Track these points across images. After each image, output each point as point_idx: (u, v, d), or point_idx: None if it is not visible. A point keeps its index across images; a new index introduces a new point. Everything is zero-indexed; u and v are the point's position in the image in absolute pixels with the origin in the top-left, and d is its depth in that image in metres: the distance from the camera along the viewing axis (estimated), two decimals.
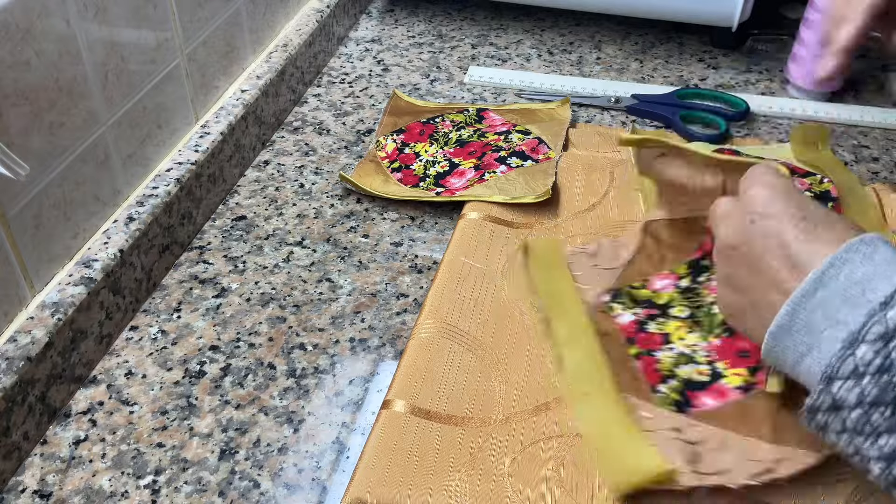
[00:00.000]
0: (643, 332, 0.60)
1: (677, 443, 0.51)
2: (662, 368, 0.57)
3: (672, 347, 0.58)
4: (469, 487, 0.50)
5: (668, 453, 0.50)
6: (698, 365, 0.57)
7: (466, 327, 0.60)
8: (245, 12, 0.82)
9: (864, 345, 0.39)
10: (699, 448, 0.51)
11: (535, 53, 1.00)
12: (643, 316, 0.61)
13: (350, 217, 0.74)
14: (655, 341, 0.59)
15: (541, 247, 0.67)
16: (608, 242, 0.67)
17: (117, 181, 0.65)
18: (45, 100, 0.55)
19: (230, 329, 0.63)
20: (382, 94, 0.92)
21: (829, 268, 0.42)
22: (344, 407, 0.57)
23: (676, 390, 0.55)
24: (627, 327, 0.60)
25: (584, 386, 0.55)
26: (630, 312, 0.61)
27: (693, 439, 0.51)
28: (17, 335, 0.53)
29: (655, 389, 0.55)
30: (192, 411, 0.57)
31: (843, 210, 0.70)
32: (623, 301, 0.62)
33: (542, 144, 0.79)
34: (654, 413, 0.53)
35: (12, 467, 0.52)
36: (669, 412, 0.54)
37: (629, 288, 0.63)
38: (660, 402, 0.54)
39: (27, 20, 0.53)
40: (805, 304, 0.42)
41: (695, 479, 0.49)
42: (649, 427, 0.52)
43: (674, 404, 0.54)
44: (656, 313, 0.61)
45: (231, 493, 0.51)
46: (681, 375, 0.56)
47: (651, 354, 0.58)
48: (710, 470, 0.49)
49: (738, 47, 1.02)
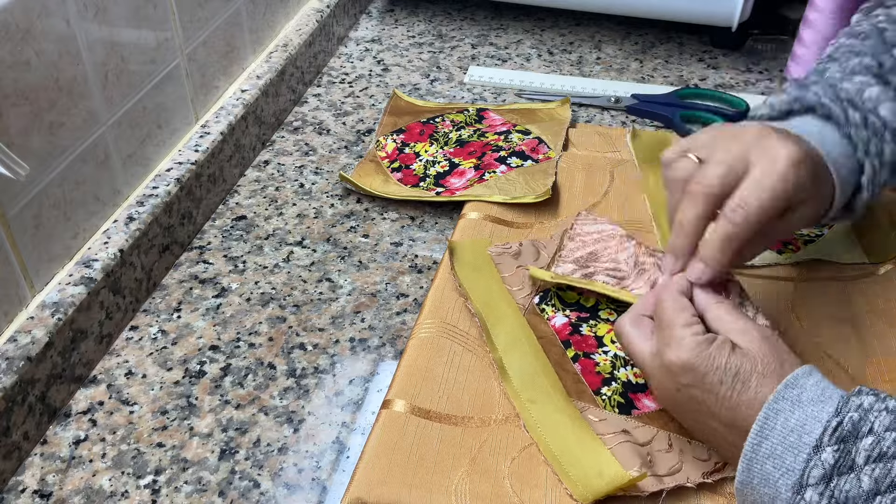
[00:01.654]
0: (577, 335, 0.59)
1: (629, 445, 0.51)
2: (602, 371, 0.57)
3: (607, 350, 0.58)
4: (469, 487, 0.50)
5: (623, 457, 0.50)
6: (634, 367, 0.57)
7: (466, 327, 0.60)
8: (245, 12, 0.82)
9: (809, 489, 0.41)
10: (649, 449, 0.51)
11: (535, 53, 1.00)
12: (574, 318, 0.61)
13: (350, 217, 0.74)
14: (590, 344, 0.59)
15: (467, 248, 0.66)
16: (528, 243, 0.67)
17: (117, 181, 0.65)
18: (45, 100, 0.55)
19: (230, 329, 0.63)
20: (382, 94, 0.92)
21: (766, 420, 0.44)
22: (344, 407, 0.57)
23: (618, 393, 0.55)
24: (561, 329, 0.60)
25: (530, 393, 0.55)
26: (562, 314, 0.61)
27: (642, 440, 0.52)
28: (17, 335, 0.53)
29: (598, 392, 0.55)
30: (192, 411, 0.57)
31: None
32: (553, 303, 0.62)
33: (542, 144, 0.79)
34: (602, 416, 0.54)
35: (12, 467, 0.52)
36: (615, 415, 0.54)
37: (556, 289, 0.63)
38: (604, 404, 0.54)
39: (27, 20, 0.53)
40: (755, 458, 0.44)
41: (657, 484, 0.49)
42: (600, 430, 0.53)
43: (617, 407, 0.54)
44: (586, 316, 0.61)
45: (231, 493, 0.51)
46: (620, 378, 0.56)
47: (589, 357, 0.58)
48: (663, 472, 0.50)
49: (738, 47, 1.02)
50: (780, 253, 0.67)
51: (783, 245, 0.68)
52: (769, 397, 0.44)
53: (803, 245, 0.68)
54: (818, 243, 0.68)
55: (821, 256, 0.67)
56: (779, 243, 0.68)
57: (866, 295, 0.63)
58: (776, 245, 0.68)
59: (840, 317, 0.61)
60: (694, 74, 0.96)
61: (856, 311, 0.62)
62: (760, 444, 0.44)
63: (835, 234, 0.69)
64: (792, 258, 0.67)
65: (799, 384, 0.44)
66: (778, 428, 0.43)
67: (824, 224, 0.58)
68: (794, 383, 0.45)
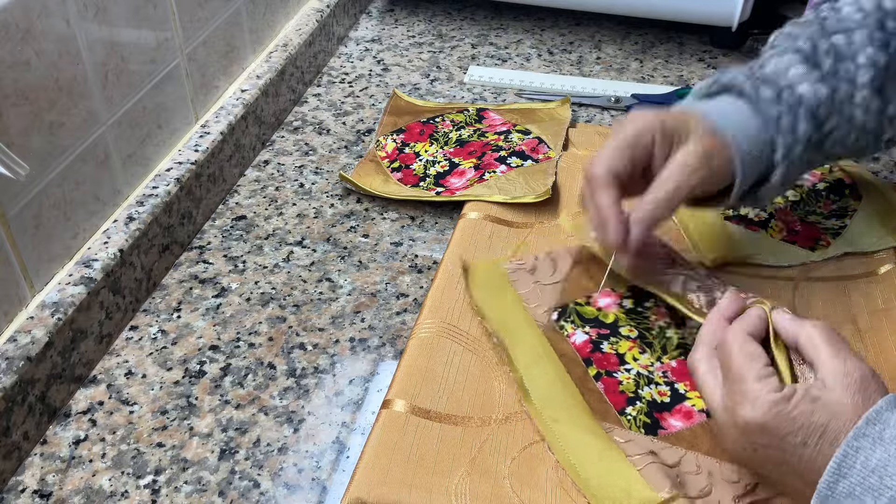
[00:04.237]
0: (599, 352, 0.58)
1: (658, 466, 0.50)
2: (626, 390, 0.56)
3: (630, 368, 0.57)
4: (469, 487, 0.50)
5: (653, 479, 0.49)
6: (658, 385, 0.56)
7: (466, 327, 0.60)
8: (245, 12, 0.82)
9: None
10: (678, 470, 0.50)
11: (535, 53, 1.00)
12: (595, 335, 0.60)
13: (350, 217, 0.74)
14: (612, 362, 0.58)
15: (480, 268, 0.65)
16: (543, 255, 0.66)
17: (117, 181, 0.65)
18: (45, 100, 0.55)
19: (230, 329, 0.63)
20: (382, 94, 0.92)
21: (844, 458, 0.41)
22: (344, 407, 0.57)
23: (643, 412, 0.54)
24: (582, 347, 0.59)
25: (552, 411, 0.54)
26: (581, 331, 0.60)
27: (670, 462, 0.51)
28: (17, 335, 0.53)
29: (623, 412, 0.54)
30: (192, 411, 0.56)
31: (862, 196, 0.71)
32: (572, 319, 0.61)
33: (542, 144, 0.79)
34: (628, 437, 0.52)
35: (12, 467, 0.52)
36: (641, 435, 0.53)
37: (575, 304, 0.62)
38: (630, 425, 0.54)
39: (27, 20, 0.53)
40: (831, 496, 0.41)
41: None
42: (628, 452, 0.51)
43: (643, 427, 0.53)
44: (607, 333, 0.60)
45: (231, 493, 0.51)
46: (645, 397, 0.55)
47: (611, 375, 0.57)
48: (693, 493, 0.49)
49: (738, 47, 1.02)
50: (812, 250, 0.67)
51: (815, 242, 0.68)
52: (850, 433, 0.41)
53: (832, 239, 0.68)
54: (846, 236, 0.68)
55: (852, 249, 0.67)
56: (810, 241, 0.68)
57: (866, 295, 0.63)
58: (808, 243, 0.68)
59: (840, 317, 0.61)
60: (694, 74, 0.96)
61: (856, 311, 0.62)
62: (837, 482, 0.41)
63: (858, 225, 0.69)
64: (825, 255, 0.66)
65: (882, 419, 0.41)
66: (857, 467, 0.41)
67: (731, 206, 0.59)
68: (876, 419, 0.41)
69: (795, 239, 0.68)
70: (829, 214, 0.70)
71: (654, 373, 0.57)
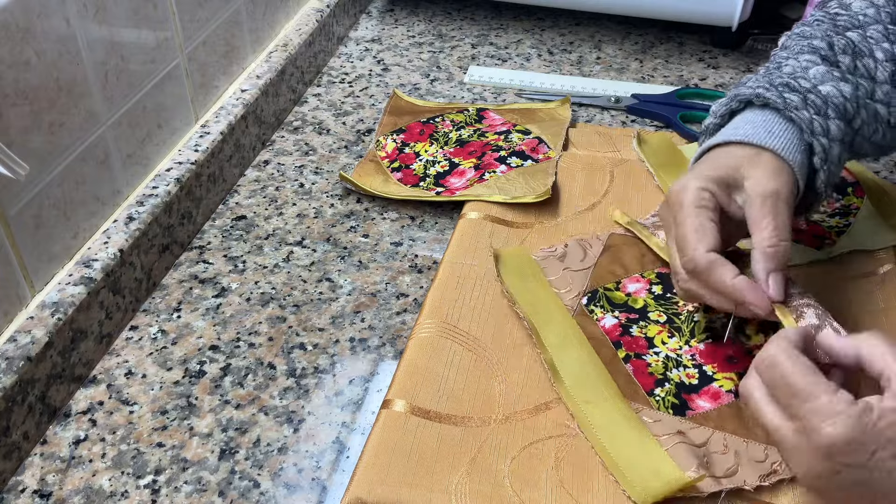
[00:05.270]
0: (628, 336, 0.60)
1: (685, 446, 0.51)
2: (655, 372, 0.57)
3: (658, 351, 0.58)
4: (469, 487, 0.50)
5: (680, 458, 0.50)
6: (686, 368, 0.57)
7: (466, 327, 0.60)
8: (245, 12, 0.82)
9: None
10: (705, 450, 0.51)
11: (535, 53, 1.00)
12: (623, 319, 0.61)
13: (350, 217, 0.74)
14: (641, 345, 0.59)
15: (510, 255, 0.66)
16: (573, 242, 0.67)
17: (117, 181, 0.65)
18: (45, 100, 0.55)
19: (230, 329, 0.63)
20: (382, 94, 0.92)
21: None
22: (344, 407, 0.57)
23: (672, 394, 0.55)
24: (612, 330, 0.60)
25: (584, 393, 0.55)
26: (611, 315, 0.61)
27: (698, 442, 0.52)
28: (17, 335, 0.53)
29: (652, 393, 0.55)
30: (192, 411, 0.57)
31: (863, 192, 0.71)
32: (601, 303, 0.62)
33: (542, 144, 0.79)
34: (657, 417, 0.54)
35: (12, 467, 0.52)
36: (669, 416, 0.54)
37: (604, 289, 0.63)
38: (658, 405, 0.55)
39: (27, 20, 0.53)
40: None
41: (714, 485, 0.49)
42: (656, 431, 0.52)
43: (671, 408, 0.54)
44: (636, 317, 0.61)
45: (231, 493, 0.51)
46: (673, 379, 0.56)
47: (640, 358, 0.58)
48: (720, 473, 0.50)
49: (738, 47, 1.02)
50: (818, 249, 0.67)
51: (821, 241, 0.68)
52: None
53: (837, 237, 0.68)
54: (850, 234, 0.68)
55: (856, 247, 0.67)
56: (816, 239, 0.68)
57: (866, 295, 0.63)
58: (814, 242, 0.68)
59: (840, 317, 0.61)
60: (694, 74, 0.96)
61: (856, 311, 0.62)
62: None
63: (862, 222, 0.69)
64: (831, 253, 0.67)
65: None
66: None
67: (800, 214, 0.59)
68: None
69: (801, 238, 0.68)
70: (833, 213, 0.71)
71: (683, 356, 0.58)
